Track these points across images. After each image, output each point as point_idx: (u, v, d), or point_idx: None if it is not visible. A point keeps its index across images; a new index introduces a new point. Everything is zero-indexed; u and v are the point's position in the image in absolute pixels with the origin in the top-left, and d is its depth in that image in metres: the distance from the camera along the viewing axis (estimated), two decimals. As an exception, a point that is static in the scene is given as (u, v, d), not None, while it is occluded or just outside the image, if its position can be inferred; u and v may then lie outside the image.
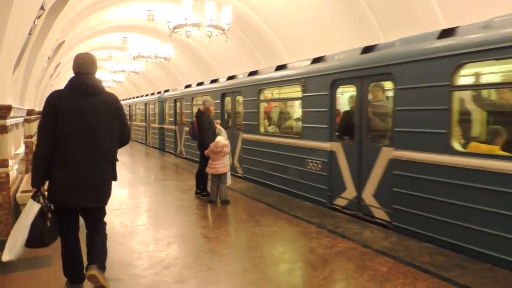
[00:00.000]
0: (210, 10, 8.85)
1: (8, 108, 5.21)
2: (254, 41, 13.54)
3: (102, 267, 3.58)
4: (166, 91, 18.37)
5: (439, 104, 4.87)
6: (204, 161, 7.56)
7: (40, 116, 5.35)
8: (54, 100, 3.38)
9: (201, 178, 7.79)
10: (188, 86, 15.41)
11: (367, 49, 6.24)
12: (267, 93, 9.59)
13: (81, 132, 3.40)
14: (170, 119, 16.53)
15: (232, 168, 10.03)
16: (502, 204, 4.20)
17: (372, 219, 6.00)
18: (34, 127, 9.25)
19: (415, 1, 7.73)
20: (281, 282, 3.91)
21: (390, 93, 5.84)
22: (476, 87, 5.22)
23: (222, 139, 7.19)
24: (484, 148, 4.73)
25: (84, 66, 3.53)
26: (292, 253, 4.82)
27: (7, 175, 5.28)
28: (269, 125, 9.57)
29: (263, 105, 9.33)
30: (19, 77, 7.00)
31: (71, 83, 3.50)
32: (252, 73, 9.89)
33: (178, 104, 15.43)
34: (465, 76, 4.98)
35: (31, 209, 3.34)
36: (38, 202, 3.37)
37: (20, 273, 4.10)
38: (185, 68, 20.66)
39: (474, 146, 4.86)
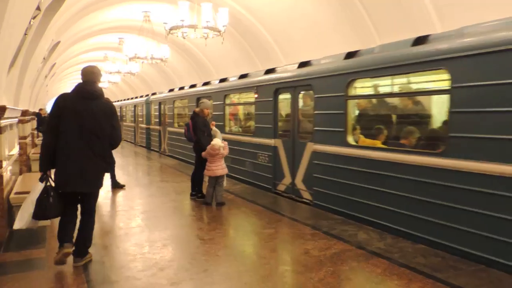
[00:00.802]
0: (206, 12, 8.85)
1: (3, 109, 5.18)
2: (250, 43, 13.56)
3: (81, 255, 4.32)
4: (153, 94, 19.49)
5: (339, 109, 6.44)
6: (199, 163, 7.55)
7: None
8: (60, 101, 4.15)
9: (196, 179, 7.77)
10: (171, 90, 16.92)
11: (349, 55, 6.84)
12: (232, 98, 11.05)
13: (77, 128, 4.09)
14: (155, 120, 17.87)
15: None
16: (382, 183, 5.66)
17: (301, 199, 7.54)
18: (28, 128, 9.20)
19: (410, 5, 7.77)
20: (276, 284, 3.91)
21: (312, 101, 7.28)
22: (360, 97, 6.75)
23: (218, 141, 7.16)
24: (369, 142, 6.26)
25: (87, 76, 4.33)
26: (287, 255, 4.82)
27: (1, 176, 5.25)
28: (233, 125, 11.16)
29: (228, 108, 10.96)
30: (14, 78, 6.96)
31: (76, 88, 4.26)
32: (222, 80, 11.50)
33: (162, 106, 16.79)
34: (355, 88, 6.46)
35: (37, 188, 4.12)
36: (44, 183, 4.11)
37: (12, 276, 4.07)
38: (181, 70, 20.65)
39: (362, 141, 6.41)
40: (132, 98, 25.05)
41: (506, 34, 4.19)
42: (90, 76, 4.33)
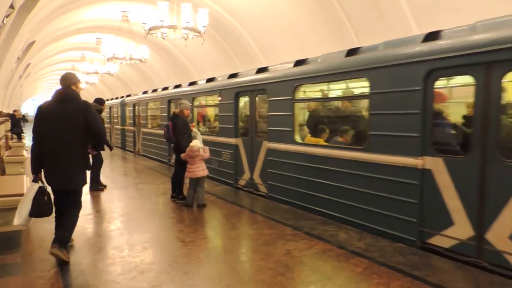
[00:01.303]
0: (186, 12, 8.80)
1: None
2: (231, 45, 13.54)
3: (63, 246, 4.46)
4: (128, 96, 19.88)
5: (288, 111, 7.21)
6: (180, 164, 7.49)
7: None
8: (40, 109, 4.64)
9: (176, 181, 7.69)
10: (145, 92, 17.36)
11: (298, 63, 7.51)
12: (200, 100, 11.80)
13: (55, 131, 4.49)
14: (130, 121, 18.44)
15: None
16: (323, 176, 6.45)
17: (258, 193, 8.27)
18: (2, 129, 8.94)
19: (388, 7, 7.92)
20: (257, 285, 3.91)
21: (266, 103, 8.01)
22: (304, 100, 7.57)
23: (197, 142, 7.13)
24: (314, 140, 7.05)
25: (62, 82, 4.75)
26: (269, 256, 4.83)
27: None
28: (201, 125, 11.89)
29: (196, 110, 11.64)
30: (-13, 78, 6.76)
31: (54, 93, 4.72)
32: (192, 83, 12.19)
33: (136, 108, 17.26)
34: (300, 92, 7.27)
35: (32, 188, 4.50)
36: (37, 183, 4.52)
37: (-13, 281, 3.95)
38: (161, 71, 20.46)
39: (308, 139, 7.19)
40: (107, 100, 25.18)
41: (399, 50, 5.22)
42: (64, 82, 4.75)
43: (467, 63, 4.42)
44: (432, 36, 5.07)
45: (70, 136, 4.50)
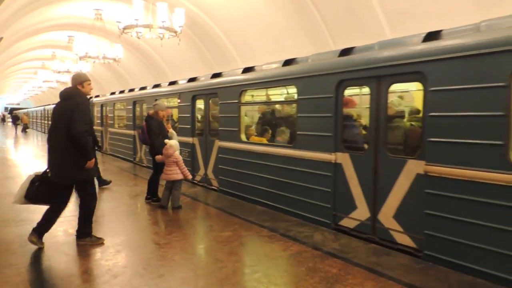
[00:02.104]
0: (162, 12, 8.69)
1: None
2: (207, 45, 13.47)
3: (80, 233, 5.13)
4: (96, 96, 20.16)
5: (235, 113, 8.00)
6: (156, 166, 7.37)
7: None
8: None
9: (151, 183, 7.57)
10: (113, 93, 17.77)
11: (245, 70, 8.26)
12: (163, 102, 12.47)
13: (52, 128, 4.96)
14: (98, 121, 18.64)
15: (141, 160, 13.16)
16: (263, 170, 7.21)
17: (211, 187, 9.00)
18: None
19: (363, 12, 8.07)
20: (234, 287, 3.89)
21: (218, 106, 8.77)
22: (248, 103, 8.35)
23: (174, 142, 7.03)
24: (257, 139, 7.92)
25: (71, 82, 5.24)
26: (245, 258, 4.81)
27: None
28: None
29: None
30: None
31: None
32: (156, 86, 12.84)
33: (104, 108, 17.76)
34: (245, 97, 8.05)
35: (28, 177, 5.00)
36: (35, 174, 5.03)
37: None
38: (136, 71, 20.15)
39: (252, 138, 8.07)
40: None
41: (319, 63, 6.16)
42: (71, 82, 5.20)
43: (364, 76, 5.36)
44: (346, 51, 5.98)
45: (60, 133, 4.80)
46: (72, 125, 4.70)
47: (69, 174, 4.88)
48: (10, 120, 43.87)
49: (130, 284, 3.91)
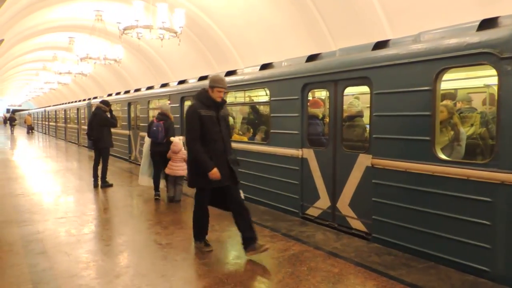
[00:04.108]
0: (162, 12, 8.70)
1: None
2: (207, 46, 13.48)
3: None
4: (94, 98, 20.47)
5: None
6: (156, 163, 7.80)
7: None
8: None
9: (154, 178, 7.91)
10: (109, 95, 18.28)
11: (228, 73, 8.70)
12: (155, 103, 12.95)
13: None
14: None
15: (136, 158, 13.64)
16: (250, 167, 7.54)
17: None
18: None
19: (363, 11, 8.06)
20: (235, 286, 3.89)
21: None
22: (230, 104, 8.61)
23: (179, 139, 7.44)
24: (239, 137, 8.48)
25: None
26: (247, 257, 4.82)
27: None
28: None
29: (151, 112, 12.71)
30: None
31: None
32: (149, 88, 13.63)
33: None
34: (228, 98, 8.26)
35: None
36: None
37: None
38: (136, 71, 20.16)
39: (235, 137, 8.45)
40: (75, 102, 26.47)
41: (287, 68, 6.79)
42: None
43: (324, 80, 5.99)
44: (312, 57, 6.53)
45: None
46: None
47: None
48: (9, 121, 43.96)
49: (132, 285, 3.92)
